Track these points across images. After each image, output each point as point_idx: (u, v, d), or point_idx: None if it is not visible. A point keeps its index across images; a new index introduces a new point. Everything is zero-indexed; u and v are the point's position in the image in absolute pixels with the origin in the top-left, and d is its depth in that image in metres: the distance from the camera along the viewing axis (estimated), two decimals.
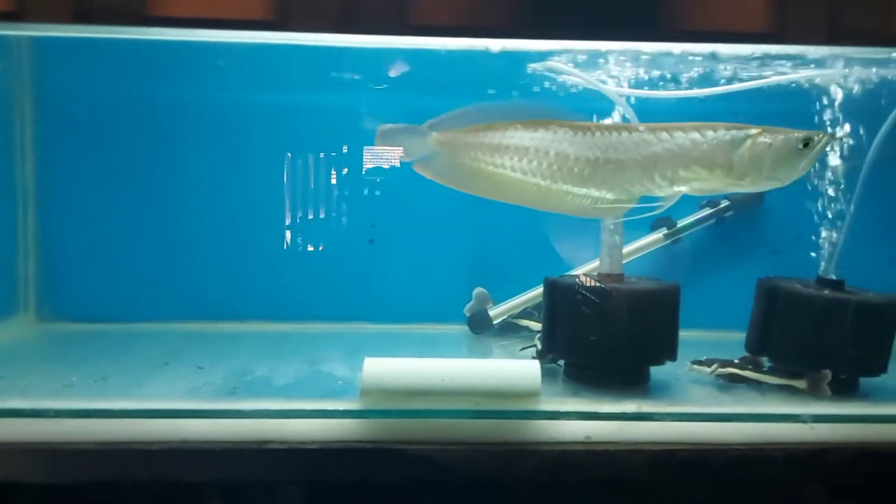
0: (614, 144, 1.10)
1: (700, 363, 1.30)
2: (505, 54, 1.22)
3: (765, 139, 1.08)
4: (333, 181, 1.65)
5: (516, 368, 1.09)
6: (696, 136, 1.09)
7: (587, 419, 1.09)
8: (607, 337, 1.22)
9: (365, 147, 1.59)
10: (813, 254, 1.37)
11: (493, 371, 1.08)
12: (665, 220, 1.70)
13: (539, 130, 1.12)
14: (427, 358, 1.09)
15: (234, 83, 1.59)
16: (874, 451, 1.08)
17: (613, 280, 1.30)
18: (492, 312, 1.65)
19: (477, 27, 1.05)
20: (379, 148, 1.48)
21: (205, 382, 1.21)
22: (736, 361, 1.29)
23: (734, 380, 1.28)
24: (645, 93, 1.28)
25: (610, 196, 1.13)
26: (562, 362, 1.32)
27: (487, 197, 1.20)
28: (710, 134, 1.09)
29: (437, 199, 1.65)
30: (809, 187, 1.36)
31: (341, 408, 1.06)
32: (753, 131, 1.09)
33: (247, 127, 1.63)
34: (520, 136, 1.12)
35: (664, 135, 1.10)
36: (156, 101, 1.60)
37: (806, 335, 1.23)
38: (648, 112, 1.27)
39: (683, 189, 1.12)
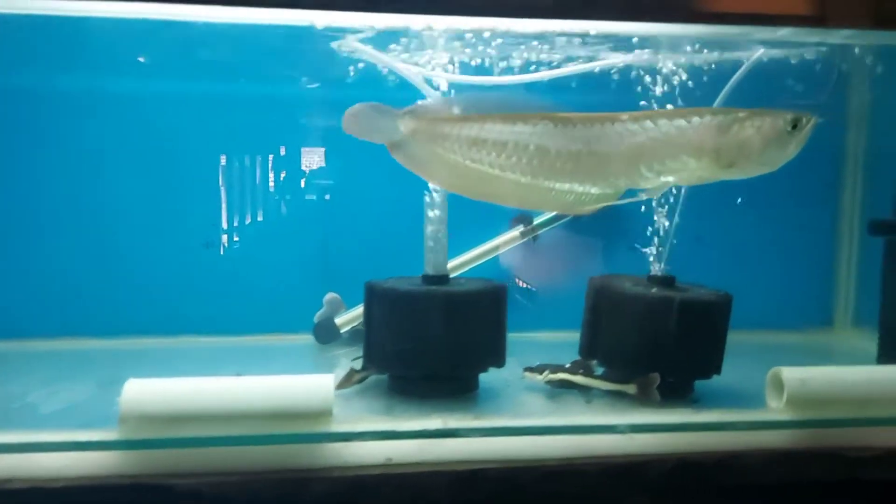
0: (597, 136, 1.03)
1: (532, 369, 1.22)
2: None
3: (752, 122, 1.02)
4: (161, 179, 1.50)
5: (305, 385, 0.97)
6: (681, 122, 1.03)
7: (387, 439, 0.98)
8: (423, 344, 1.12)
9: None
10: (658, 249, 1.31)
11: (279, 389, 0.96)
12: (522, 217, 1.62)
13: (518, 124, 1.04)
14: (202, 377, 0.96)
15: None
16: (696, 461, 1.01)
17: (436, 282, 1.20)
18: (339, 320, 1.54)
19: None
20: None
21: None
22: (567, 367, 1.20)
23: (565, 385, 1.20)
24: (459, 77, 1.18)
25: (594, 190, 1.06)
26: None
27: (461, 193, 1.10)
28: (695, 120, 1.02)
29: (285, 199, 1.55)
30: None
31: (96, 438, 0.92)
32: (741, 115, 1.03)
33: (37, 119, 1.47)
34: (498, 130, 1.04)
35: (648, 123, 1.02)
36: None
37: (632, 336, 1.16)
38: None
39: (671, 180, 1.06)
